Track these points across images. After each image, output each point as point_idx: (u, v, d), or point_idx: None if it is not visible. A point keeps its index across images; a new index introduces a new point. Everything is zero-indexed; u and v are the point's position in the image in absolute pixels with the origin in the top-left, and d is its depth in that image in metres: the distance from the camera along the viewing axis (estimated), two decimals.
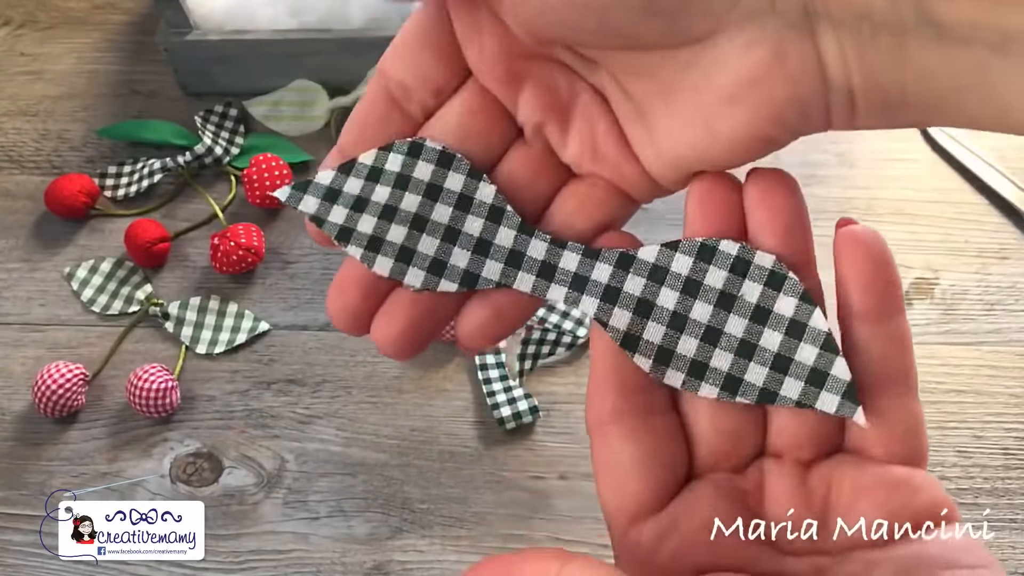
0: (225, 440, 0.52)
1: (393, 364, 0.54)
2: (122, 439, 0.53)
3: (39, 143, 0.66)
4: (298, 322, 0.56)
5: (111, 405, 0.54)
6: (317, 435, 0.52)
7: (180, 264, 0.59)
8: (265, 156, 0.60)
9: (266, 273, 0.59)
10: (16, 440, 0.53)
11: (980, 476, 0.49)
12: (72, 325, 0.57)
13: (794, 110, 0.21)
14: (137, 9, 0.74)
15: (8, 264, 0.60)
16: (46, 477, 0.51)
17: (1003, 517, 0.48)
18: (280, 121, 0.65)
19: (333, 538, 0.49)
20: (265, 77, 0.65)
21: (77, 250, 0.60)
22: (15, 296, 0.58)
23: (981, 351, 0.53)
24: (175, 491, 0.51)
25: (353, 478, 0.51)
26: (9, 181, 0.64)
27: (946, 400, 0.51)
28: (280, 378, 0.54)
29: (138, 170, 0.63)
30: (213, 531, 0.49)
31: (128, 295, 0.58)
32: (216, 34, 0.64)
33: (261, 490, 0.50)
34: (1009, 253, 0.57)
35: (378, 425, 0.52)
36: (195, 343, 0.55)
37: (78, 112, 0.67)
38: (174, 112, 0.66)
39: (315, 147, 0.64)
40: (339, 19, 0.63)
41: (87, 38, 0.72)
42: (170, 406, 0.52)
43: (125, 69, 0.70)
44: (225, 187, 0.63)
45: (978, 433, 0.50)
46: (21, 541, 0.49)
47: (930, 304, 0.55)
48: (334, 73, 0.64)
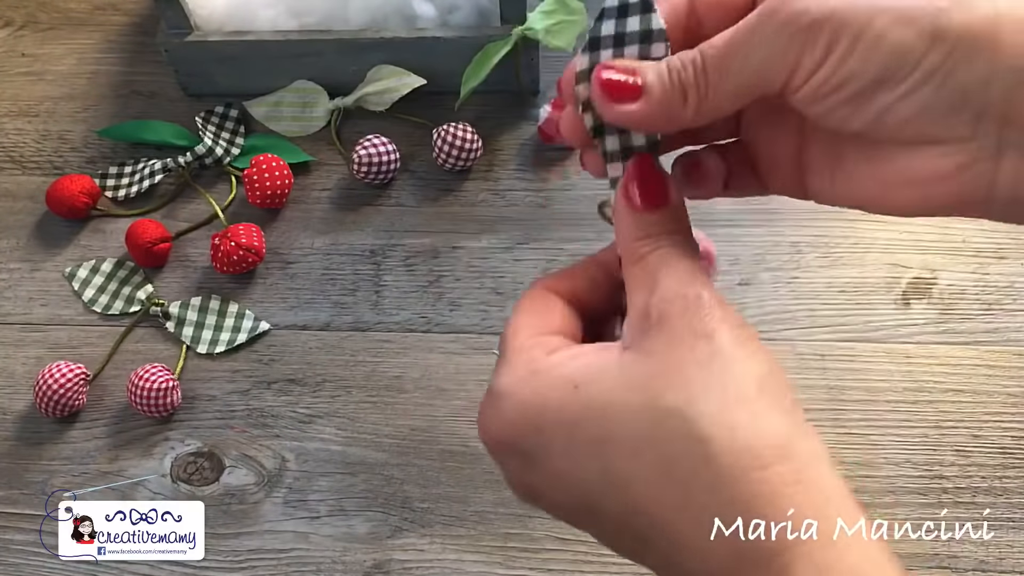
0: (226, 440, 0.52)
1: (393, 364, 0.54)
2: (123, 439, 0.53)
3: (40, 144, 0.66)
4: (298, 322, 0.57)
5: (112, 405, 0.54)
6: (317, 434, 0.52)
7: (181, 264, 0.59)
8: (265, 156, 0.60)
9: (266, 273, 0.59)
10: (17, 440, 0.53)
11: (978, 475, 0.49)
12: (73, 325, 0.57)
13: (957, 206, 0.25)
14: (138, 10, 0.74)
15: (9, 264, 0.60)
16: (47, 477, 0.51)
17: (1001, 516, 0.48)
18: (280, 122, 0.66)
19: (333, 537, 0.49)
20: (265, 78, 0.65)
21: (78, 250, 0.60)
22: (16, 296, 0.59)
23: (979, 351, 0.53)
24: (176, 490, 0.51)
25: (353, 477, 0.51)
26: (10, 181, 0.64)
27: (944, 400, 0.51)
28: (280, 378, 0.54)
29: (139, 170, 0.63)
30: (214, 530, 0.49)
31: (129, 295, 0.58)
32: (216, 35, 0.64)
33: (261, 489, 0.51)
34: (1007, 253, 0.57)
35: (378, 425, 0.52)
36: (196, 343, 0.56)
37: (79, 113, 0.67)
38: (175, 113, 0.66)
39: (315, 147, 0.64)
40: (339, 20, 0.64)
41: (88, 39, 0.72)
42: (171, 406, 0.52)
43: (126, 70, 0.70)
44: (225, 187, 0.63)
45: (976, 432, 0.51)
46: (22, 540, 0.50)
47: (928, 304, 0.55)
48: (334, 73, 0.64)
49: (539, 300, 0.30)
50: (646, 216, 0.28)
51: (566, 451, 0.26)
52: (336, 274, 0.58)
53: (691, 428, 0.24)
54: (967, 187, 0.25)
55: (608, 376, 0.26)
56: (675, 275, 0.26)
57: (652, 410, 0.24)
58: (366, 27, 0.63)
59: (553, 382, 0.26)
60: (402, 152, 0.62)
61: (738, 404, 0.24)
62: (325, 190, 0.62)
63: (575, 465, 0.26)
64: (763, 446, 0.23)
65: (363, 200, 0.62)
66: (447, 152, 0.60)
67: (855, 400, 0.52)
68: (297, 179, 0.62)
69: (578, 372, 0.26)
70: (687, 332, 0.25)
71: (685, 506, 0.24)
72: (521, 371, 0.27)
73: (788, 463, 0.23)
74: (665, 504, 0.24)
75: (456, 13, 0.64)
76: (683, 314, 0.25)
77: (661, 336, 0.25)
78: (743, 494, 0.23)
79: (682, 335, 0.25)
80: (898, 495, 0.49)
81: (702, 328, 0.25)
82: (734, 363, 0.25)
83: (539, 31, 0.60)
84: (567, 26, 0.60)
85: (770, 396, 0.25)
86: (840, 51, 0.24)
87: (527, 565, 0.48)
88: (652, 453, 0.24)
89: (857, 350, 0.53)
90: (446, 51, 0.62)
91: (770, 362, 0.25)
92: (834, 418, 0.51)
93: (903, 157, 0.25)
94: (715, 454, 0.23)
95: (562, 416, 0.26)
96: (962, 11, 0.23)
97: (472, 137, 0.60)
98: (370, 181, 0.61)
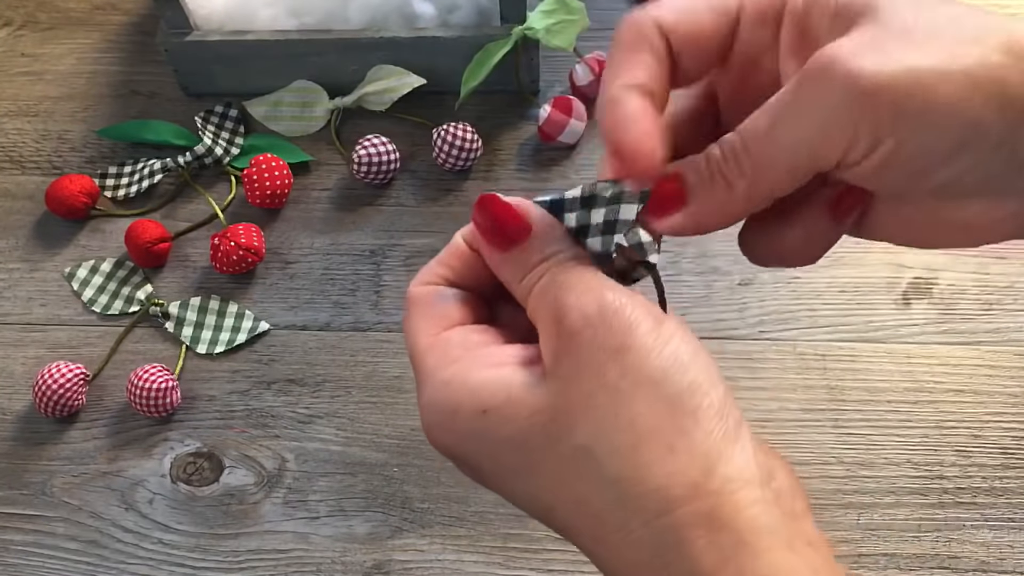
0: (225, 440, 0.52)
1: (393, 364, 0.54)
2: (122, 439, 0.53)
3: (40, 143, 0.66)
4: (298, 322, 0.57)
5: (111, 405, 0.54)
6: (317, 435, 0.52)
7: (180, 264, 0.59)
8: (265, 156, 0.60)
9: (266, 273, 0.59)
10: (17, 440, 0.53)
11: (978, 475, 0.49)
12: (72, 325, 0.57)
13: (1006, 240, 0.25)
14: (137, 10, 0.74)
15: (9, 264, 0.60)
16: (47, 477, 0.51)
17: (1001, 516, 0.48)
18: (280, 121, 0.65)
19: (333, 537, 0.49)
20: (265, 78, 0.65)
21: (77, 250, 0.60)
22: (16, 296, 0.59)
23: (979, 350, 0.53)
24: (175, 491, 0.51)
25: (353, 478, 0.51)
26: (10, 181, 0.64)
27: (944, 399, 0.51)
28: (280, 378, 0.54)
29: (138, 170, 0.63)
30: (213, 530, 0.49)
31: (128, 295, 0.58)
32: (216, 35, 0.64)
33: (261, 490, 0.51)
34: (1007, 253, 0.57)
35: (378, 425, 0.52)
36: (195, 343, 0.56)
37: (78, 113, 0.67)
38: (174, 113, 0.66)
39: (315, 147, 0.64)
40: (339, 20, 0.63)
41: (87, 39, 0.72)
42: (170, 406, 0.52)
43: (125, 70, 0.70)
44: (225, 187, 0.63)
45: (977, 432, 0.51)
46: (21, 541, 0.49)
47: (928, 304, 0.55)
48: (334, 73, 0.64)
49: (428, 294, 0.28)
50: (515, 254, 0.26)
51: (494, 472, 0.25)
52: (336, 274, 0.58)
53: (601, 469, 0.23)
54: (1020, 228, 0.24)
55: (519, 406, 0.24)
56: (571, 293, 0.24)
57: (564, 446, 0.23)
58: (366, 27, 0.63)
59: (461, 400, 0.25)
60: (402, 152, 0.62)
61: (650, 437, 0.22)
62: (325, 190, 0.62)
63: (505, 485, 0.25)
64: (674, 485, 0.22)
65: (363, 200, 0.62)
66: (447, 152, 0.60)
67: (856, 400, 0.52)
68: (297, 179, 0.62)
69: (486, 393, 0.24)
70: (596, 352, 0.23)
71: (602, 539, 0.23)
72: (433, 381, 0.26)
73: (700, 501, 0.22)
74: (584, 534, 0.24)
75: (456, 13, 0.64)
76: (587, 332, 0.23)
77: (569, 361, 0.23)
78: (652, 539, 0.22)
79: (590, 358, 0.23)
80: (898, 495, 0.49)
81: (611, 343, 0.23)
82: (648, 383, 0.23)
83: (539, 31, 0.60)
84: (567, 26, 0.60)
85: (689, 414, 0.23)
86: (909, 125, 0.22)
87: (527, 565, 0.48)
88: (567, 491, 0.24)
89: (858, 350, 0.53)
90: (446, 51, 0.62)
91: (693, 360, 0.23)
92: (834, 418, 0.51)
93: (955, 207, 0.24)
94: (625, 497, 0.23)
95: (482, 444, 0.25)
96: (1020, 72, 0.21)
97: (472, 137, 0.60)
98: (370, 181, 0.61)
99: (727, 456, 0.23)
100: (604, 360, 0.23)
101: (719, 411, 0.23)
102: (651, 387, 0.23)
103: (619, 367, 0.23)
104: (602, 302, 0.23)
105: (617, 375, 0.23)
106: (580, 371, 0.23)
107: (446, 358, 0.26)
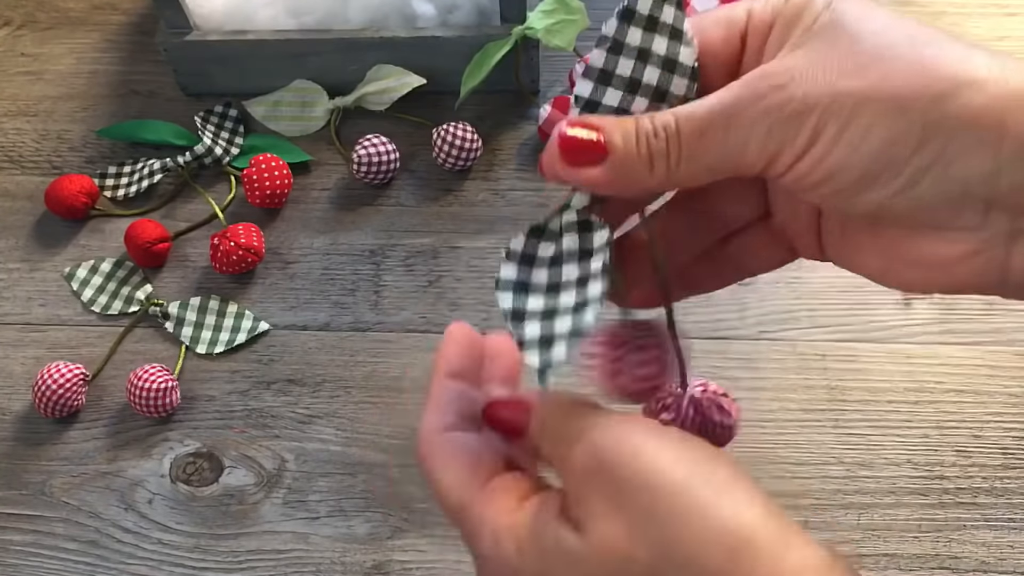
0: (225, 440, 0.52)
1: (393, 364, 0.54)
2: (122, 439, 0.53)
3: (39, 143, 0.66)
4: (298, 322, 0.56)
5: (111, 405, 0.54)
6: (317, 435, 0.52)
7: (180, 264, 0.59)
8: (265, 156, 0.60)
9: (266, 273, 0.59)
10: (16, 440, 0.53)
11: (979, 475, 0.49)
12: (72, 325, 0.57)
13: (967, 288, 0.24)
14: (137, 9, 0.74)
15: (8, 264, 0.60)
16: (46, 477, 0.51)
17: (1002, 516, 0.48)
18: (280, 121, 0.65)
19: (333, 538, 0.49)
20: (265, 77, 0.65)
21: (77, 250, 0.60)
22: (15, 296, 0.58)
23: (980, 351, 0.53)
24: (175, 491, 0.51)
25: (353, 478, 0.51)
26: (9, 181, 0.64)
27: (945, 400, 0.51)
28: (280, 378, 0.54)
29: (138, 170, 0.63)
30: (213, 531, 0.49)
31: (128, 295, 0.58)
32: (215, 34, 0.64)
33: (261, 490, 0.51)
34: None
35: (378, 425, 0.52)
36: (195, 343, 0.55)
37: (78, 112, 0.67)
38: (174, 112, 0.66)
39: (315, 147, 0.64)
40: (339, 19, 0.63)
41: (87, 38, 0.72)
42: (170, 406, 0.52)
43: (125, 69, 0.70)
44: (225, 187, 0.63)
45: (977, 433, 0.50)
46: (21, 541, 0.49)
47: (929, 304, 0.55)
48: (334, 73, 0.64)
49: (453, 441, 0.29)
50: (515, 445, 0.28)
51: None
52: (336, 274, 0.58)
53: None
54: (976, 271, 0.23)
55: (552, 556, 0.24)
56: (581, 453, 0.25)
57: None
58: (366, 27, 0.63)
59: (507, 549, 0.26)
60: (402, 152, 0.62)
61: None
62: (325, 190, 0.62)
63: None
64: None
65: (363, 200, 0.62)
66: (447, 152, 0.60)
67: (856, 400, 0.52)
68: (297, 179, 0.62)
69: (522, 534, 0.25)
70: (616, 497, 0.23)
71: None
72: (485, 538, 0.27)
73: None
74: None
75: (456, 13, 0.64)
76: (603, 486, 0.24)
77: (590, 507, 0.24)
78: None
79: (610, 505, 0.23)
80: (899, 495, 0.49)
81: (630, 485, 0.23)
82: (679, 531, 0.22)
83: (539, 30, 0.60)
84: (567, 25, 0.60)
85: (723, 546, 0.22)
86: (823, 144, 0.22)
87: None
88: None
89: (858, 350, 0.53)
90: (446, 51, 0.62)
91: (723, 477, 0.23)
92: (835, 418, 0.51)
93: (907, 240, 0.24)
94: None
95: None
96: (961, 97, 0.21)
97: (472, 137, 0.60)
98: (370, 181, 0.61)
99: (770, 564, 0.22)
100: (628, 511, 0.23)
101: (756, 518, 0.23)
102: (684, 526, 0.23)
103: (644, 524, 0.23)
104: (618, 452, 0.24)
105: (641, 531, 0.23)
106: (607, 519, 0.24)
107: (491, 506, 0.27)
